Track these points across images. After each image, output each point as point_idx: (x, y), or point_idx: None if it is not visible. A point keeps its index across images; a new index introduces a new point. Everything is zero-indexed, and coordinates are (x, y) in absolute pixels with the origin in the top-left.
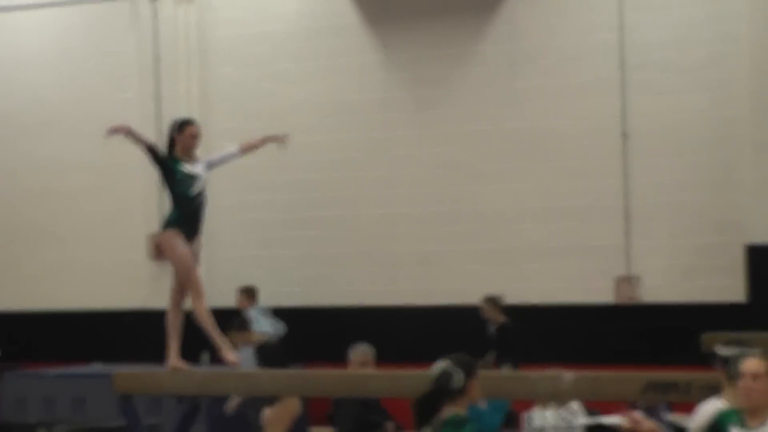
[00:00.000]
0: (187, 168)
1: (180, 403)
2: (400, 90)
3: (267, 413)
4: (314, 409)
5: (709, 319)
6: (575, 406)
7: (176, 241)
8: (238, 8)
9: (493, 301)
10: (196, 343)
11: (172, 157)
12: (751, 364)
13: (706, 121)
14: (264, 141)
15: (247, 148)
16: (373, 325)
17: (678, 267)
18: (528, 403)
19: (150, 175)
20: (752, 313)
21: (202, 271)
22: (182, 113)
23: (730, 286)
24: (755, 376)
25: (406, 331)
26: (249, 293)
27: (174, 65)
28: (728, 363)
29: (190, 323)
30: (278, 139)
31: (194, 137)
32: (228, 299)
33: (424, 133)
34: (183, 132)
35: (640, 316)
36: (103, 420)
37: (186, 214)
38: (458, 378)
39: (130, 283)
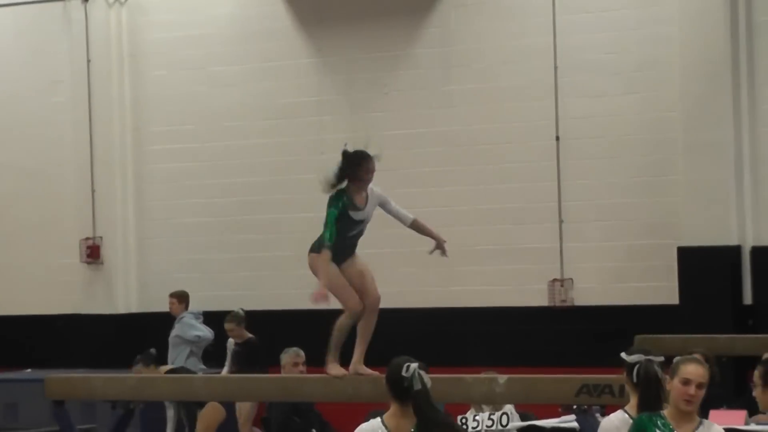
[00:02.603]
0: (358, 215)
1: (114, 408)
2: (333, 93)
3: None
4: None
5: (643, 321)
6: (509, 409)
7: (325, 263)
8: (171, 11)
9: (238, 318)
10: (131, 349)
11: (345, 195)
12: (694, 369)
13: (638, 124)
14: (439, 242)
15: (420, 230)
16: (307, 330)
17: (611, 269)
18: (463, 407)
19: (83, 179)
20: (685, 315)
21: (134, 278)
22: (115, 117)
23: (663, 288)
24: (700, 385)
25: None
26: (180, 298)
27: (106, 68)
28: (634, 370)
29: (132, 326)
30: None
31: (371, 173)
32: (161, 304)
33: (357, 135)
34: (360, 167)
35: (573, 319)
36: (35, 425)
37: (337, 247)
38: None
39: (63, 288)
